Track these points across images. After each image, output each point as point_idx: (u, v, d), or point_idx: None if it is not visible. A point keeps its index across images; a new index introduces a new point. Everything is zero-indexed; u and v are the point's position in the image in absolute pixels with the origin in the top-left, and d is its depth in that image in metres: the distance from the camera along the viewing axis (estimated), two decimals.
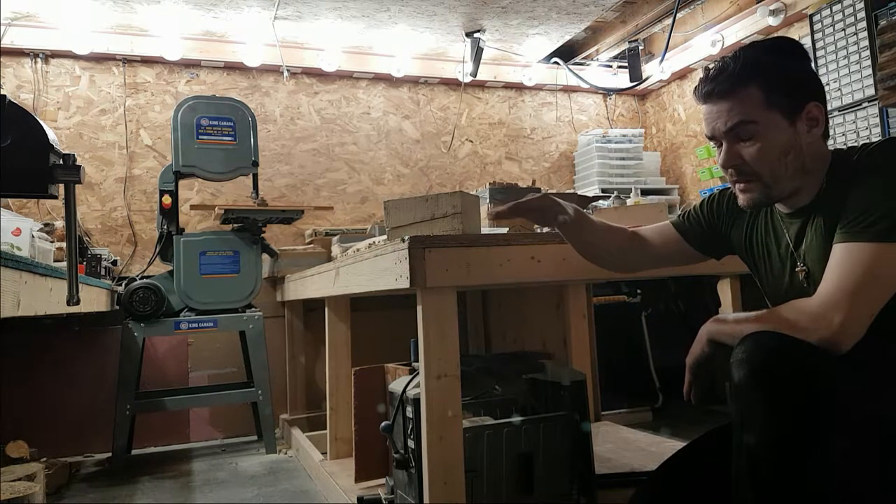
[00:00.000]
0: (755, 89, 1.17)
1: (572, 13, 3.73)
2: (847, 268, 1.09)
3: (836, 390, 1.02)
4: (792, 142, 1.18)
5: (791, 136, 1.18)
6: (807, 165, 1.19)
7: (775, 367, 1.04)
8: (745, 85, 1.17)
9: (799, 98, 1.18)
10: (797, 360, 1.04)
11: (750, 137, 1.18)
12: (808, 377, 1.03)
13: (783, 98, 1.17)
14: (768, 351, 1.05)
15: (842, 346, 1.06)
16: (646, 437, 2.69)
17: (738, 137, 1.19)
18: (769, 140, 1.17)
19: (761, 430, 1.05)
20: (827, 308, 1.08)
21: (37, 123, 1.50)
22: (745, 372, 1.05)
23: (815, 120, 1.18)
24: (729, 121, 1.19)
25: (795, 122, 1.18)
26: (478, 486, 1.67)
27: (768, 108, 1.17)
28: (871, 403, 1.07)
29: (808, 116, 1.18)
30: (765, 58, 1.19)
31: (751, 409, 1.06)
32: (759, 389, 1.04)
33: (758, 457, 1.05)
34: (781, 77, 1.18)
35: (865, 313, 1.07)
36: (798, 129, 1.18)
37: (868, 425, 1.06)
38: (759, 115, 1.17)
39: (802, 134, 1.18)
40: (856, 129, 2.97)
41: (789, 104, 1.17)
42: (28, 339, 3.19)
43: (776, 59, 1.20)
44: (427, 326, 1.48)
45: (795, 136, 1.18)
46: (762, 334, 1.08)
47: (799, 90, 1.19)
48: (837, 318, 1.06)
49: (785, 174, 1.19)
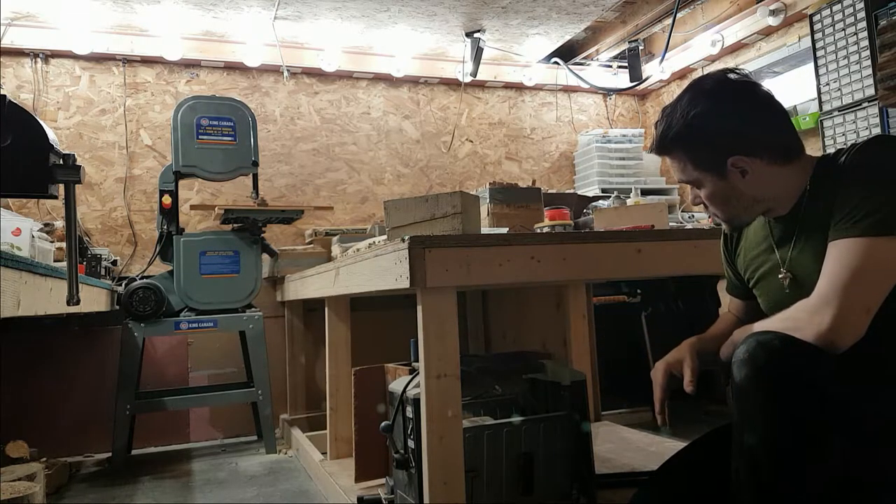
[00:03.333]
0: (683, 156, 1.27)
1: (572, 13, 3.73)
2: (838, 264, 1.10)
3: (836, 390, 1.03)
4: (730, 190, 1.25)
5: (727, 187, 1.25)
6: (759, 197, 1.25)
7: (776, 366, 1.04)
8: (673, 150, 1.28)
9: (720, 156, 1.22)
10: (797, 359, 1.04)
11: (696, 187, 1.29)
12: (808, 377, 1.03)
13: (706, 160, 1.24)
14: (769, 351, 1.05)
15: (839, 343, 1.06)
16: (646, 437, 2.69)
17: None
18: (711, 191, 1.27)
19: (761, 429, 1.05)
20: (820, 304, 1.08)
21: (37, 123, 1.50)
22: (747, 372, 1.05)
23: (742, 170, 1.22)
24: (675, 175, 1.31)
25: (726, 175, 1.23)
26: (478, 486, 1.67)
27: (697, 168, 1.26)
28: (871, 403, 1.07)
29: (736, 167, 1.22)
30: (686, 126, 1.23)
31: (751, 409, 1.06)
32: (760, 389, 1.04)
33: (758, 457, 1.05)
34: (701, 147, 1.24)
35: (859, 308, 1.07)
36: (732, 180, 1.24)
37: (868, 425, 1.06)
38: (692, 175, 1.27)
39: (738, 182, 1.23)
40: (856, 129, 2.97)
41: (713, 163, 1.23)
42: (28, 339, 3.19)
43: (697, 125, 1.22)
44: (427, 326, 1.48)
45: (731, 185, 1.24)
46: (763, 334, 1.09)
47: (720, 152, 1.22)
48: (830, 313, 1.06)
49: (738, 212, 1.29)
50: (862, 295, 1.07)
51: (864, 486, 1.06)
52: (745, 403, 1.06)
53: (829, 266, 1.11)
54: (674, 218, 3.73)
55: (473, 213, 1.77)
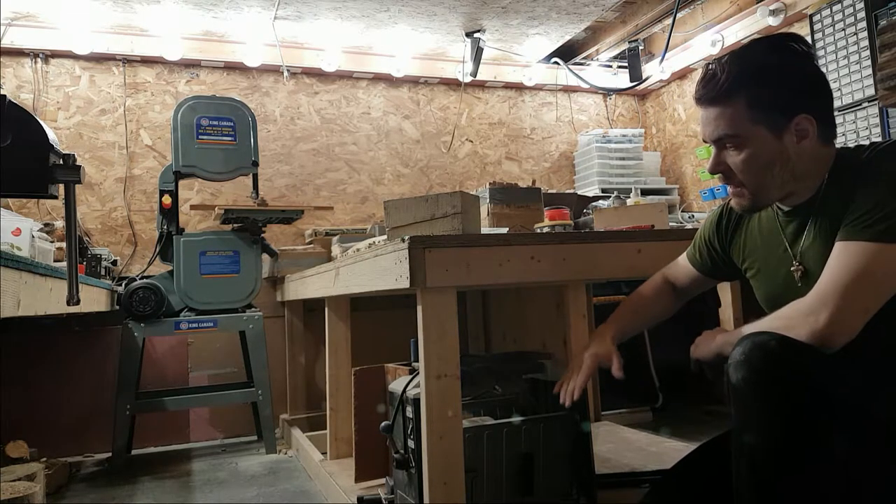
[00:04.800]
0: (741, 103, 1.16)
1: (572, 13, 3.73)
2: (842, 265, 1.09)
3: (834, 390, 1.02)
4: (778, 154, 1.17)
5: (777, 150, 1.16)
6: (798, 173, 1.19)
7: (773, 367, 1.04)
8: (731, 98, 1.17)
9: (787, 112, 1.16)
10: (794, 360, 1.04)
11: (736, 147, 1.18)
12: (805, 377, 1.03)
13: (769, 113, 1.15)
14: (766, 351, 1.04)
15: (831, 341, 1.05)
16: (646, 437, 2.69)
17: (724, 145, 1.20)
18: (753, 153, 1.17)
19: (760, 430, 1.05)
20: (816, 304, 1.08)
21: (37, 123, 1.50)
22: (744, 373, 1.05)
23: (804, 131, 1.16)
24: (715, 130, 1.20)
25: (782, 135, 1.16)
26: (478, 486, 1.67)
27: (753, 122, 1.16)
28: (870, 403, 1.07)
29: (797, 129, 1.16)
30: (754, 69, 1.16)
31: (749, 410, 1.06)
32: (758, 390, 1.04)
33: (757, 457, 1.05)
34: (768, 92, 1.15)
35: (856, 310, 1.06)
36: (785, 142, 1.16)
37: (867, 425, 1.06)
38: (743, 129, 1.17)
39: (791, 146, 1.16)
40: (856, 129, 2.97)
41: (775, 119, 1.16)
42: (28, 339, 3.19)
43: (766, 70, 1.16)
44: (427, 326, 1.48)
45: (782, 148, 1.16)
46: (759, 335, 1.08)
47: (787, 104, 1.16)
48: (825, 313, 1.06)
49: (772, 184, 1.20)
50: (861, 297, 1.07)
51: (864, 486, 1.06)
52: (742, 405, 1.06)
53: (833, 266, 1.10)
54: (674, 218, 3.73)
55: (473, 213, 1.77)
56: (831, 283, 1.08)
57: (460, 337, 1.53)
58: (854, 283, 1.06)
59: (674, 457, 2.03)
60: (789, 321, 1.09)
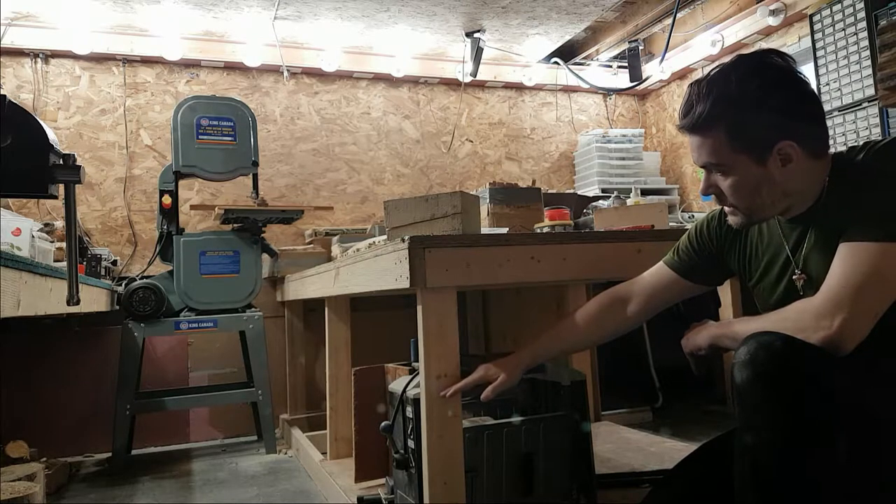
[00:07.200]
0: (721, 134, 1.16)
1: (572, 13, 3.73)
2: (853, 266, 1.07)
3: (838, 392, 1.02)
4: (764, 179, 1.16)
5: (763, 175, 1.16)
6: (789, 190, 1.18)
7: (778, 367, 1.03)
8: (711, 128, 1.16)
9: (767, 142, 1.14)
10: (799, 361, 1.03)
11: (722, 173, 1.19)
12: (809, 378, 1.02)
13: (749, 143, 1.15)
14: (771, 352, 1.04)
15: (843, 346, 1.05)
16: (646, 437, 2.69)
17: (712, 170, 1.21)
18: (739, 179, 1.17)
19: (763, 431, 1.04)
20: (829, 306, 1.06)
21: (37, 123, 1.50)
22: (748, 373, 1.04)
23: (787, 157, 1.15)
24: (699, 158, 1.20)
25: (766, 162, 1.15)
26: (478, 486, 1.67)
27: (735, 152, 1.16)
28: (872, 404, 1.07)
29: (780, 154, 1.15)
30: (733, 98, 1.15)
31: (753, 410, 1.05)
32: (762, 391, 1.03)
33: (760, 458, 1.05)
34: (748, 122, 1.14)
35: (869, 313, 1.06)
36: (770, 168, 1.15)
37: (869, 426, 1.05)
38: (725, 159, 1.17)
39: (776, 170, 1.15)
40: (856, 129, 2.97)
41: (756, 148, 1.15)
42: (28, 339, 3.19)
43: (744, 99, 1.14)
44: (427, 326, 1.48)
45: (768, 174, 1.16)
46: (764, 335, 1.07)
47: (768, 134, 1.14)
48: (839, 316, 1.05)
49: (763, 204, 1.20)
50: (873, 300, 1.06)
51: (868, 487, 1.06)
52: (746, 404, 1.06)
53: (841, 267, 1.09)
54: (674, 218, 3.73)
55: (473, 213, 1.77)
56: (843, 285, 1.07)
57: (460, 337, 1.53)
58: (866, 285, 1.05)
59: (674, 457, 2.03)
60: (799, 324, 1.08)
